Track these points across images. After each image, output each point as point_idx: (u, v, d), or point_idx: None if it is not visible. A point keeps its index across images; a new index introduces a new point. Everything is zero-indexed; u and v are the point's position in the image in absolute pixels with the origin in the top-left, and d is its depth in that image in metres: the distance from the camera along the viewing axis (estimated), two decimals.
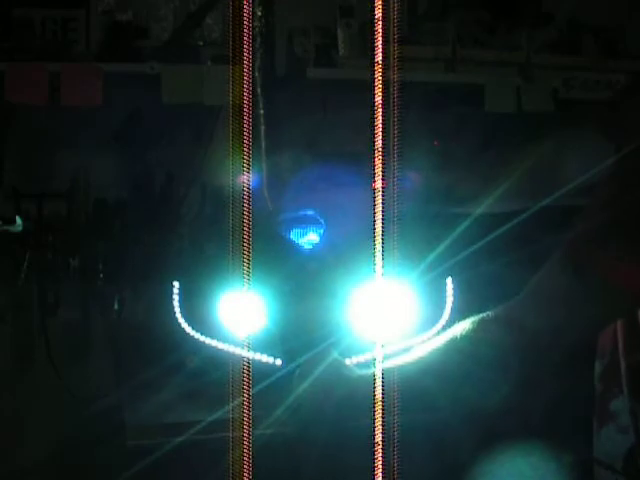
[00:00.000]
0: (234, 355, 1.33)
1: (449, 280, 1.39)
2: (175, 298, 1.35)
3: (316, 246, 1.41)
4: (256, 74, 1.72)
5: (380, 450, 1.18)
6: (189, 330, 1.35)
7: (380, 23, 0.96)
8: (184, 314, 1.35)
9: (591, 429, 1.14)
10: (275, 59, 1.78)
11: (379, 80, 1.03)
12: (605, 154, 1.24)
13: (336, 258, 1.37)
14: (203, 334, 1.34)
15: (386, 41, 1.14)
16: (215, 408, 1.25)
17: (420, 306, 1.36)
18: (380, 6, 0.96)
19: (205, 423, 1.23)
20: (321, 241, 1.41)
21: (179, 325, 1.35)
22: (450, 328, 1.34)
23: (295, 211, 1.46)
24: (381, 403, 1.16)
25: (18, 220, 2.18)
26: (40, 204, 2.28)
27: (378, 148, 1.06)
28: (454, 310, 1.38)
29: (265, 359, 1.31)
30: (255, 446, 1.00)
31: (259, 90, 1.72)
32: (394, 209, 1.37)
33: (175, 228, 2.26)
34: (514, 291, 1.74)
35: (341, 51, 2.26)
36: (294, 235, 1.45)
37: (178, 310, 1.35)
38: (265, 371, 1.31)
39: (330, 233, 1.39)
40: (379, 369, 1.20)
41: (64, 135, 2.31)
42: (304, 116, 2.45)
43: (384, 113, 1.17)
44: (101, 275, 2.25)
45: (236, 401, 1.25)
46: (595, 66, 2.38)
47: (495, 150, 1.51)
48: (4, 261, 2.22)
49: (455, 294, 1.39)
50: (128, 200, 2.36)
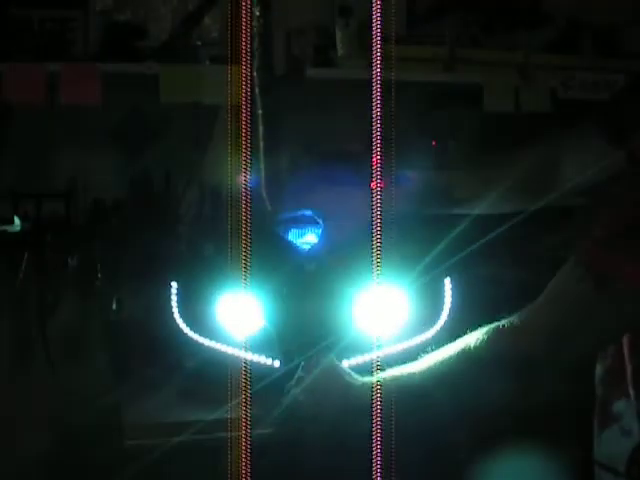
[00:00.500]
0: (232, 356, 1.33)
1: (447, 281, 1.39)
2: (173, 299, 1.35)
3: (314, 247, 1.40)
4: (254, 74, 1.72)
5: (379, 453, 1.18)
6: (187, 331, 1.35)
7: (378, 23, 0.96)
8: (182, 315, 1.35)
9: (591, 431, 1.14)
10: (273, 59, 1.78)
11: (378, 80, 1.03)
12: (604, 155, 1.24)
13: (334, 259, 1.37)
14: (201, 335, 1.34)
15: (384, 41, 1.14)
16: (214, 408, 1.24)
17: (418, 307, 1.36)
18: (378, 6, 0.96)
19: (204, 423, 1.23)
20: (319, 242, 1.40)
21: (177, 326, 1.35)
22: (449, 329, 1.34)
23: (293, 211, 1.46)
24: (380, 410, 1.17)
25: (16, 220, 2.18)
26: (38, 204, 2.28)
27: (377, 148, 1.06)
28: (452, 311, 1.38)
29: (263, 360, 1.30)
30: (254, 446, 1.00)
31: (257, 90, 1.72)
32: (393, 209, 1.37)
33: (174, 228, 2.26)
34: (514, 292, 1.74)
35: (340, 51, 2.26)
36: (292, 235, 1.45)
37: (176, 311, 1.35)
38: (264, 371, 1.31)
39: (328, 234, 1.38)
40: (379, 374, 1.20)
41: (62, 135, 2.31)
42: (302, 116, 2.45)
43: (382, 113, 1.17)
44: (99, 275, 2.25)
45: (235, 401, 1.25)
46: (594, 66, 2.38)
47: (493, 150, 1.51)
48: (2, 261, 2.22)
49: (453, 295, 1.38)
50: (126, 200, 2.36)
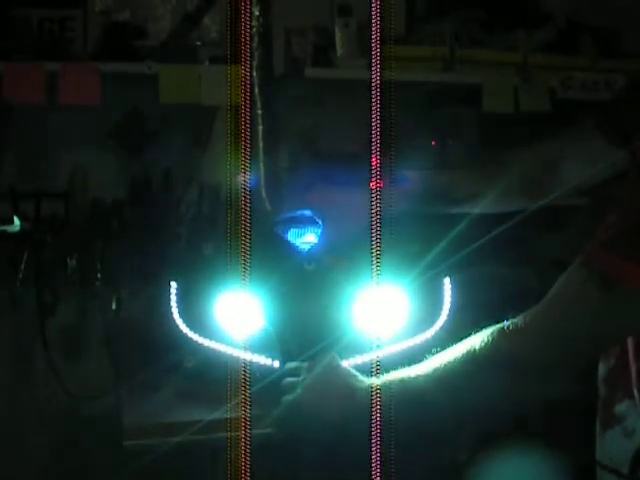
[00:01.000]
0: (232, 357, 1.32)
1: (447, 280, 1.38)
2: (172, 299, 1.35)
3: (313, 247, 1.40)
4: (254, 74, 1.72)
5: (378, 453, 1.18)
6: (187, 331, 1.34)
7: (377, 23, 0.96)
8: (182, 314, 1.35)
9: (594, 432, 1.13)
10: (273, 59, 1.77)
11: (377, 80, 1.03)
12: (605, 155, 1.24)
13: (334, 259, 1.37)
14: (201, 335, 1.34)
15: (383, 41, 1.14)
16: (213, 408, 1.24)
17: (418, 307, 1.36)
18: (377, 6, 0.96)
19: (203, 423, 1.23)
20: (319, 242, 1.40)
21: (177, 326, 1.35)
22: (449, 329, 1.34)
23: (292, 211, 1.45)
24: (380, 414, 1.16)
25: (16, 220, 2.18)
26: (38, 204, 2.28)
27: (376, 148, 1.06)
28: (452, 311, 1.38)
29: (263, 361, 1.30)
30: (253, 446, 1.00)
31: (257, 90, 1.72)
32: (392, 209, 1.37)
33: (173, 228, 2.26)
34: (514, 293, 1.74)
35: (339, 51, 2.26)
36: (291, 235, 1.45)
37: (176, 311, 1.35)
38: (263, 372, 1.30)
39: (328, 234, 1.38)
40: (384, 376, 1.20)
41: (62, 135, 2.31)
42: (302, 116, 2.45)
43: (382, 113, 1.17)
44: (99, 275, 2.25)
45: (234, 401, 1.25)
46: (593, 66, 2.38)
47: (492, 150, 1.51)
48: (2, 261, 2.22)
49: (453, 294, 1.38)
50: (126, 200, 2.36)
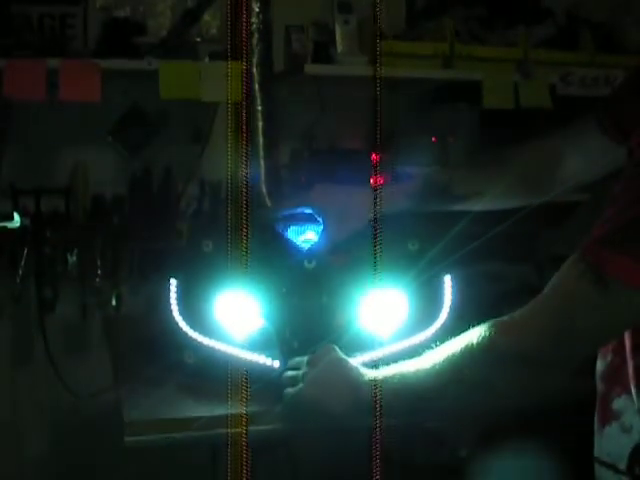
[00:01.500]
0: (232, 356, 1.32)
1: (447, 278, 1.38)
2: (173, 296, 1.35)
3: (314, 245, 1.40)
4: (254, 70, 1.72)
5: (379, 450, 1.18)
6: (187, 329, 1.34)
7: (378, 20, 0.96)
8: (182, 312, 1.35)
9: (592, 428, 1.14)
10: (273, 55, 1.77)
11: (378, 76, 1.03)
12: (604, 151, 1.25)
13: (334, 257, 1.36)
14: (201, 333, 1.34)
15: (382, 37, 1.15)
16: (214, 404, 1.25)
17: (419, 305, 1.36)
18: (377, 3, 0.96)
19: (204, 419, 1.23)
20: (319, 239, 1.40)
21: (176, 323, 1.35)
22: (450, 327, 1.34)
23: (292, 209, 1.45)
24: (380, 408, 1.17)
25: (16, 216, 2.18)
26: (38, 200, 2.28)
27: (376, 145, 1.06)
28: (452, 308, 1.38)
29: (262, 360, 1.30)
30: (255, 443, 1.00)
31: (257, 86, 1.72)
32: (393, 206, 1.37)
33: (173, 225, 2.27)
34: (512, 289, 1.74)
35: (339, 47, 2.25)
36: (291, 233, 1.44)
37: (176, 309, 1.35)
38: (263, 370, 1.30)
39: (328, 231, 1.38)
40: (384, 370, 1.20)
41: (62, 131, 2.31)
42: (302, 112, 2.45)
43: (382, 110, 1.17)
44: (99, 271, 2.25)
45: (234, 398, 1.25)
46: (593, 62, 2.38)
47: (493, 147, 1.51)
48: (2, 257, 2.22)
49: (454, 292, 1.38)
50: (126, 196, 2.36)
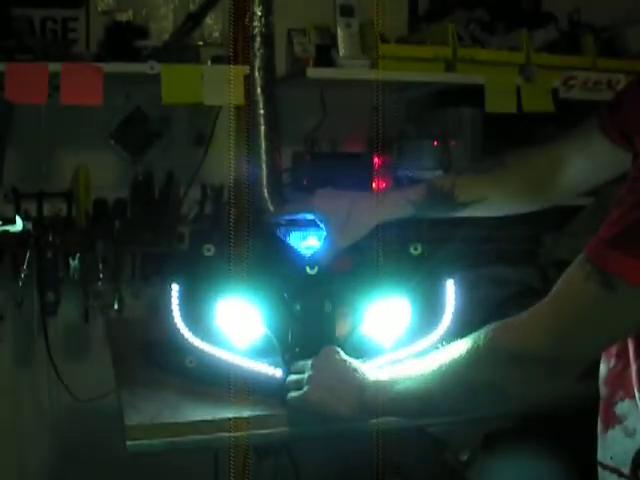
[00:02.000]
0: (233, 364, 1.32)
1: (450, 282, 1.38)
2: (174, 302, 1.34)
3: (316, 251, 1.39)
4: (255, 74, 1.72)
5: (381, 452, 1.18)
6: (188, 334, 1.34)
7: (378, 24, 0.96)
8: (183, 318, 1.34)
9: (594, 431, 1.13)
10: (275, 59, 1.77)
11: (379, 80, 1.04)
12: (607, 155, 1.24)
13: (337, 263, 1.36)
14: (202, 338, 1.33)
15: (385, 41, 1.14)
16: (216, 408, 1.24)
17: (422, 310, 1.36)
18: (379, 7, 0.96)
19: (205, 423, 1.22)
20: (321, 245, 1.39)
21: (178, 329, 1.34)
22: (453, 331, 1.34)
23: (295, 214, 1.44)
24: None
25: (18, 220, 2.18)
26: (40, 204, 2.28)
27: (378, 148, 1.06)
28: (456, 313, 1.38)
29: (264, 369, 1.29)
30: (258, 446, 1.00)
31: (259, 90, 1.72)
32: (397, 213, 1.37)
33: (175, 229, 2.26)
34: (515, 292, 1.74)
35: (341, 51, 2.25)
36: (293, 239, 1.44)
37: (178, 315, 1.34)
38: (266, 377, 1.30)
39: (330, 237, 1.37)
40: (389, 372, 1.20)
41: (64, 135, 2.32)
42: (304, 116, 2.45)
43: (384, 113, 1.17)
44: (101, 275, 2.25)
45: (236, 402, 1.25)
46: (595, 66, 2.38)
47: (495, 151, 1.50)
48: (4, 261, 2.22)
49: (457, 297, 1.38)
50: (128, 200, 2.36)
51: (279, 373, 1.28)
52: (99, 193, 2.34)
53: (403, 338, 1.35)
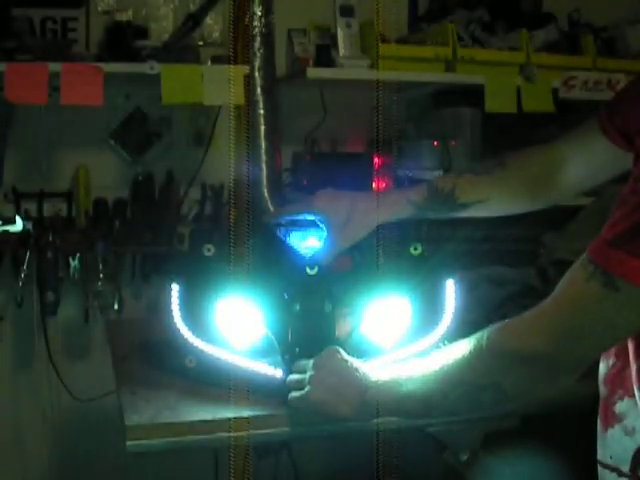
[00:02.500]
0: (233, 364, 1.32)
1: (450, 282, 1.38)
2: (174, 301, 1.34)
3: (317, 251, 1.39)
4: (255, 74, 1.72)
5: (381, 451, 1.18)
6: (188, 334, 1.34)
7: (378, 25, 0.96)
8: (183, 318, 1.34)
9: (594, 430, 1.13)
10: (275, 59, 1.77)
11: (379, 80, 1.04)
12: (607, 155, 1.24)
13: (337, 263, 1.36)
14: (202, 338, 1.33)
15: (385, 41, 1.15)
16: (215, 408, 1.25)
17: (422, 310, 1.36)
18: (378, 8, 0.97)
19: (205, 423, 1.22)
20: (321, 246, 1.39)
21: (178, 329, 1.34)
22: (454, 331, 1.34)
23: (295, 214, 1.44)
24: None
25: (18, 220, 2.18)
26: (40, 204, 2.29)
27: (378, 148, 1.06)
28: (456, 312, 1.38)
29: (264, 369, 1.29)
30: (258, 446, 0.99)
31: (259, 90, 1.72)
32: (398, 214, 1.37)
33: (175, 228, 2.26)
34: (515, 292, 1.74)
35: (341, 51, 2.25)
36: (293, 239, 1.43)
37: (178, 315, 1.34)
38: (266, 377, 1.30)
39: (331, 237, 1.37)
40: (392, 371, 1.20)
41: (64, 135, 2.32)
42: (304, 116, 2.45)
43: (384, 113, 1.17)
44: (101, 275, 2.25)
45: (237, 402, 1.25)
46: (595, 66, 2.38)
47: (496, 152, 1.50)
48: (4, 261, 2.23)
49: (457, 296, 1.38)
50: (128, 200, 2.36)
51: (279, 373, 1.28)
52: (99, 193, 2.34)
53: (403, 338, 1.35)
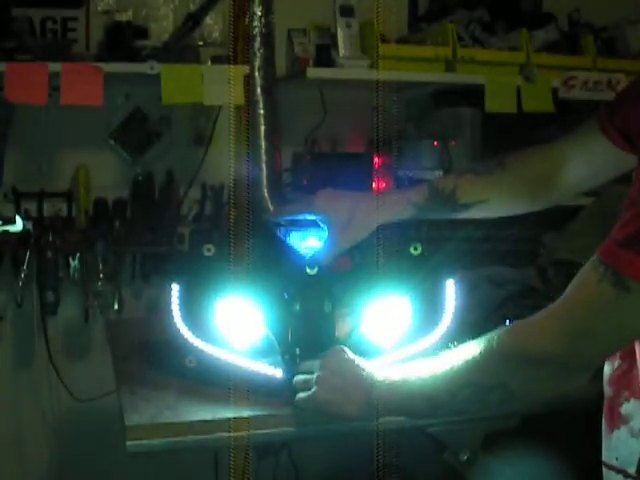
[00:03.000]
0: (233, 364, 1.32)
1: (450, 282, 1.38)
2: (174, 301, 1.34)
3: (317, 251, 1.39)
4: (255, 74, 1.72)
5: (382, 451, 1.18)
6: (188, 334, 1.34)
7: (378, 24, 0.96)
8: (183, 318, 1.34)
9: (600, 432, 1.13)
10: (275, 59, 1.77)
11: (379, 80, 1.04)
12: (607, 155, 1.24)
13: (337, 263, 1.35)
14: (202, 338, 1.33)
15: (385, 41, 1.14)
16: (215, 408, 1.25)
17: (422, 310, 1.35)
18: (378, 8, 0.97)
19: (205, 423, 1.22)
20: (322, 246, 1.39)
21: (178, 329, 1.34)
22: (454, 331, 1.33)
23: (295, 214, 1.44)
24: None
25: (18, 220, 2.18)
26: (40, 204, 2.29)
27: (378, 148, 1.06)
28: (456, 312, 1.38)
29: (264, 369, 1.29)
30: (260, 446, 0.99)
31: (259, 90, 1.72)
32: (398, 214, 1.37)
33: (175, 228, 2.26)
34: (515, 292, 1.74)
35: (341, 51, 2.25)
36: (293, 239, 1.43)
37: (178, 315, 1.34)
38: (266, 377, 1.30)
39: (331, 237, 1.37)
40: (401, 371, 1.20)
41: (64, 135, 2.31)
42: (304, 116, 2.45)
43: (384, 113, 1.17)
44: (101, 275, 2.25)
45: (237, 402, 1.25)
46: (595, 66, 2.38)
47: (496, 152, 1.50)
48: (4, 261, 2.23)
49: (457, 296, 1.38)
50: (128, 200, 2.36)
51: (279, 373, 1.28)
52: (99, 193, 2.34)
53: (403, 338, 1.35)
